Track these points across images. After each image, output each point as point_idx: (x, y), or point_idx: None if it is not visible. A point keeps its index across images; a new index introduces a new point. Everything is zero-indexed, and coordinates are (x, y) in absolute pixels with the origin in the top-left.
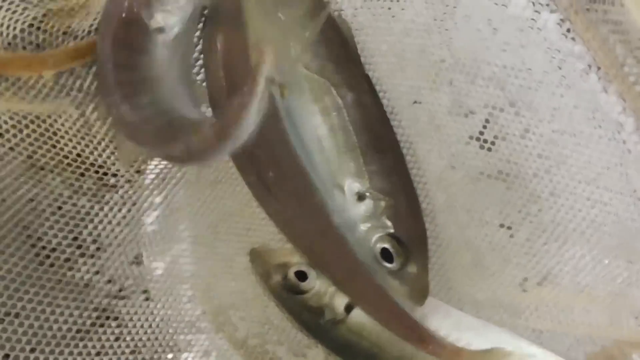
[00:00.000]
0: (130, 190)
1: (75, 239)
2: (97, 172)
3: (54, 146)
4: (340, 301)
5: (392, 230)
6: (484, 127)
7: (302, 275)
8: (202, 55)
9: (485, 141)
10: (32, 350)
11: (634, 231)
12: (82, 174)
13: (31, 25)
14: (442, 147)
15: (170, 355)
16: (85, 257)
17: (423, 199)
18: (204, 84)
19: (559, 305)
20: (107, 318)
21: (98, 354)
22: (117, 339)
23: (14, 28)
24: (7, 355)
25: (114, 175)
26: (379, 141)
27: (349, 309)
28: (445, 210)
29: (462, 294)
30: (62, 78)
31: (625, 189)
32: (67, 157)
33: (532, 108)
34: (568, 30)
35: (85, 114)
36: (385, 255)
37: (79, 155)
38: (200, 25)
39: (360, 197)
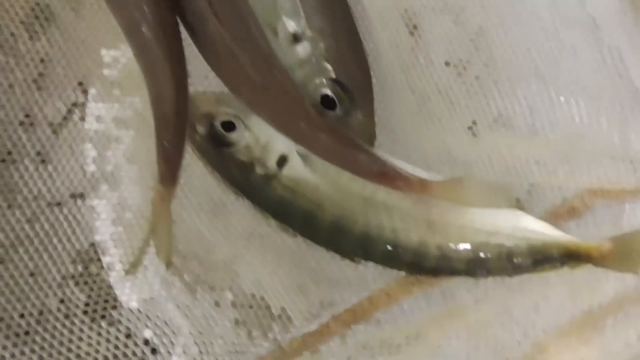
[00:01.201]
0: None
1: None
2: None
3: None
4: (272, 155)
5: (333, 75)
6: None
7: (229, 126)
8: None
9: None
10: None
11: (593, 63)
12: None
13: None
14: None
15: None
16: None
17: (366, 39)
18: None
19: (514, 152)
20: None
21: None
22: None
23: None
24: None
25: None
26: None
27: (281, 163)
28: (389, 50)
29: (409, 144)
30: None
31: (583, 16)
32: None
33: None
34: None
35: None
36: (327, 102)
37: None
38: None
39: (296, 39)
